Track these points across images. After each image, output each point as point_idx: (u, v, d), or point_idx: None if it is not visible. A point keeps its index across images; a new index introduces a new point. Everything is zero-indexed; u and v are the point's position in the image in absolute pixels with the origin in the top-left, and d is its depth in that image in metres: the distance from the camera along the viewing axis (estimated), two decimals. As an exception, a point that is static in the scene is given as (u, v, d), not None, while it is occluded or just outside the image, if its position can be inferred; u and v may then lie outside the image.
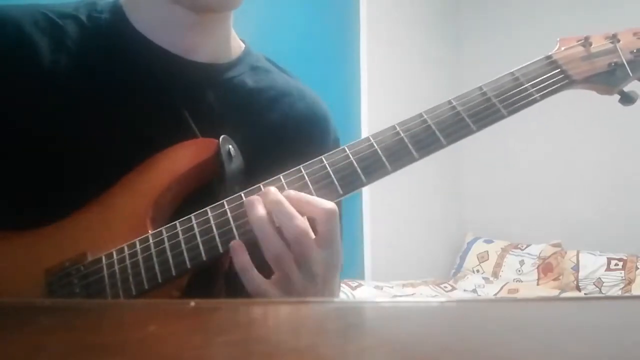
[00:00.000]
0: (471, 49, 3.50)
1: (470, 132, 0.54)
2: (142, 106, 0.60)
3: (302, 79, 0.74)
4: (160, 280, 0.51)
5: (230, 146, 0.57)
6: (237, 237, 0.52)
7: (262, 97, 0.67)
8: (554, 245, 3.03)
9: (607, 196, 2.97)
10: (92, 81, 0.59)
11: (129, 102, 0.60)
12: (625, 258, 2.80)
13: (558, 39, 0.61)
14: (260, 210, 0.51)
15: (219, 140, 0.57)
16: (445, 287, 2.97)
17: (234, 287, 0.56)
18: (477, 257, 3.24)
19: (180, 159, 0.57)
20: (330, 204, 0.51)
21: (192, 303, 0.28)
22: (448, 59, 3.47)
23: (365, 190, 2.73)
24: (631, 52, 0.58)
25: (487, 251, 3.23)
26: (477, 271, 3.19)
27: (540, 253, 3.05)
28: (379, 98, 2.93)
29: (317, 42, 2.68)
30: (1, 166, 0.56)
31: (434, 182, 3.23)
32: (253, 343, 0.22)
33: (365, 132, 2.82)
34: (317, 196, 0.52)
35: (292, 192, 0.52)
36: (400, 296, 2.54)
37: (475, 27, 3.52)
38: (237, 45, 0.69)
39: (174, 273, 0.51)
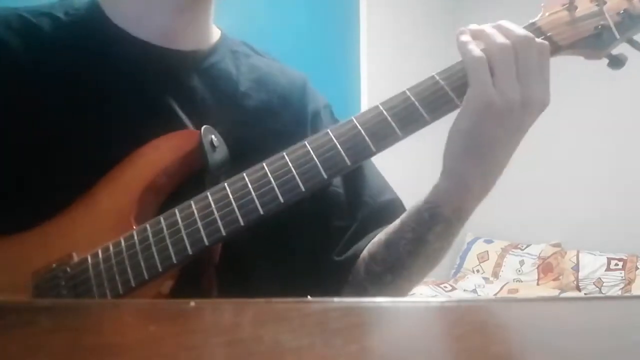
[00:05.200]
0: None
1: (455, 107, 0.54)
2: (126, 100, 0.59)
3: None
4: (146, 277, 0.49)
5: (212, 136, 0.56)
6: (221, 228, 0.50)
7: (247, 79, 0.66)
8: (554, 245, 3.04)
9: (607, 196, 2.97)
10: (71, 77, 0.58)
11: (112, 97, 0.58)
12: (625, 258, 2.80)
13: (542, 5, 0.59)
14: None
15: (200, 131, 0.55)
16: (445, 287, 2.97)
17: (226, 280, 0.56)
18: (477, 257, 3.25)
19: (163, 152, 0.56)
20: (522, 30, 0.54)
21: (192, 303, 0.28)
22: (449, 57, 3.46)
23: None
24: (618, 14, 0.56)
25: (487, 251, 3.24)
26: (477, 271, 3.19)
27: (540, 253, 3.05)
28: (379, 97, 2.92)
29: (317, 42, 2.68)
30: None
31: (433, 182, 3.22)
32: (253, 343, 0.22)
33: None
34: (300, 181, 0.50)
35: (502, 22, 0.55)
36: (400, 296, 2.53)
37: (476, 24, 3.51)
38: (215, 31, 0.69)
39: (160, 269, 0.49)
